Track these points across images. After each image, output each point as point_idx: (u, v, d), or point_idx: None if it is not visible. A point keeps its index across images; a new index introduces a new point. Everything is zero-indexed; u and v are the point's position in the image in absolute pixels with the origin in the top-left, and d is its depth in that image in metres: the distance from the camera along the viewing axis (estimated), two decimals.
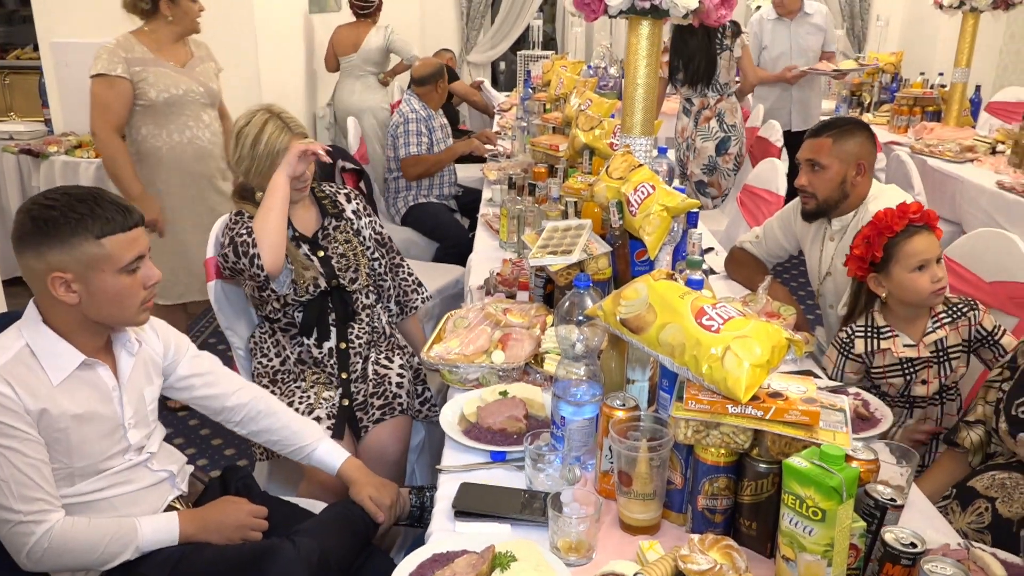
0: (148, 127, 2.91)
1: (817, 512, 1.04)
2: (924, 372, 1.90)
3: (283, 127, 2.06)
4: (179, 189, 2.98)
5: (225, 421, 1.74)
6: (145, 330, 1.61)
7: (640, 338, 1.30)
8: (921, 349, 1.90)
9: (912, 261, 1.85)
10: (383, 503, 1.71)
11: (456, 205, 4.21)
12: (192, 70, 2.96)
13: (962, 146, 4.11)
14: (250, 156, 2.05)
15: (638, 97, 2.22)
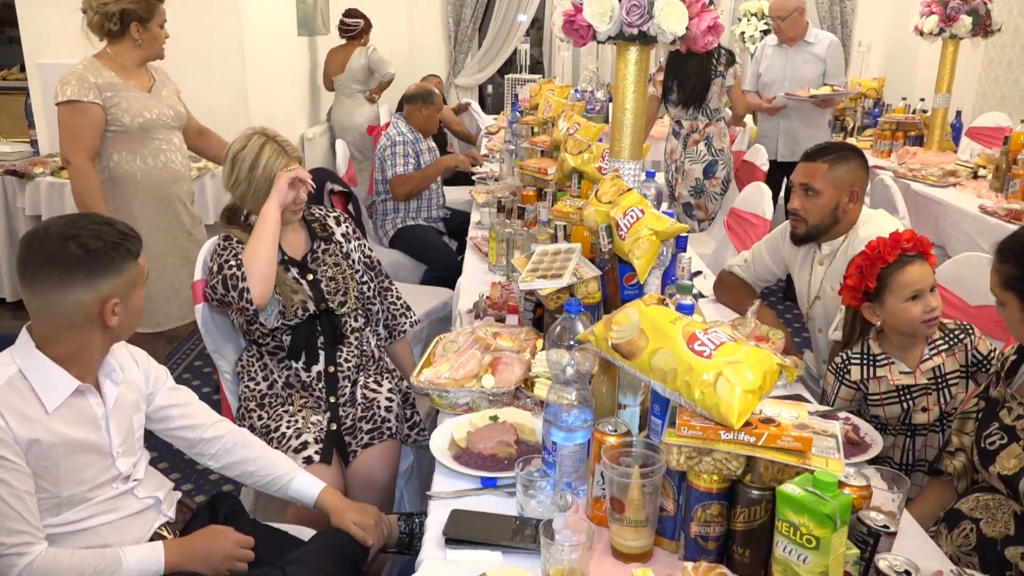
0: (120, 153, 2.85)
1: (811, 539, 1.04)
2: (923, 399, 1.90)
3: (280, 151, 2.06)
4: (155, 214, 2.94)
5: (200, 455, 1.72)
6: (126, 358, 1.60)
7: (632, 364, 1.30)
8: (918, 376, 1.90)
9: (905, 292, 1.85)
10: (368, 525, 1.70)
11: (444, 227, 4.21)
12: (158, 94, 2.92)
13: (944, 170, 4.16)
14: (247, 180, 2.04)
15: (626, 122, 2.23)
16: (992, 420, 1.58)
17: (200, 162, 3.98)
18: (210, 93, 3.19)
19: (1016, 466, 1.48)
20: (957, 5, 4.36)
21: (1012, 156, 3.79)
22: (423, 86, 4.09)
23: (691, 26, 2.07)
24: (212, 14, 4.05)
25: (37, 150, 4.48)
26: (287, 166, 2.05)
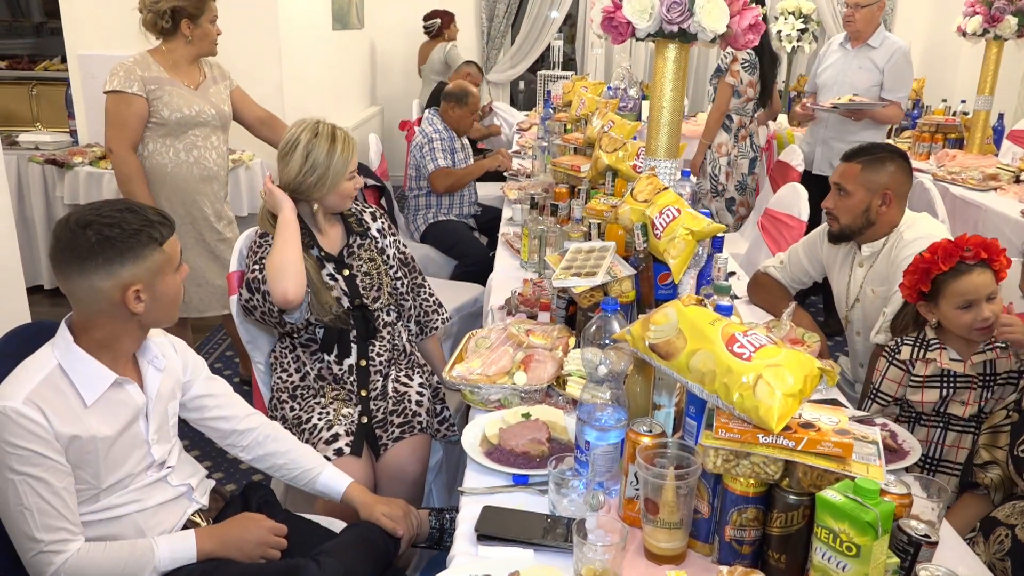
0: (155, 143, 2.91)
1: (851, 547, 1.02)
2: (965, 392, 1.87)
3: (352, 140, 2.10)
4: (181, 207, 2.99)
5: (231, 446, 1.74)
6: (166, 346, 1.61)
7: (669, 364, 1.29)
8: (967, 367, 1.87)
9: (957, 300, 1.83)
10: (397, 516, 1.71)
11: (475, 223, 4.21)
12: (205, 92, 2.97)
13: (985, 174, 4.08)
14: (325, 165, 2.04)
15: (664, 120, 2.22)
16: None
17: (234, 153, 4.01)
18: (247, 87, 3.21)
19: None
20: (1002, 5, 4.26)
21: None
22: (461, 85, 4.10)
23: (732, 24, 2.05)
24: (250, 9, 4.08)
25: (76, 140, 4.55)
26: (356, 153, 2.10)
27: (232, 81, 3.12)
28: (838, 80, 3.99)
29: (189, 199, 3.00)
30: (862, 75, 3.90)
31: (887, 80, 3.86)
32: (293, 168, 2.05)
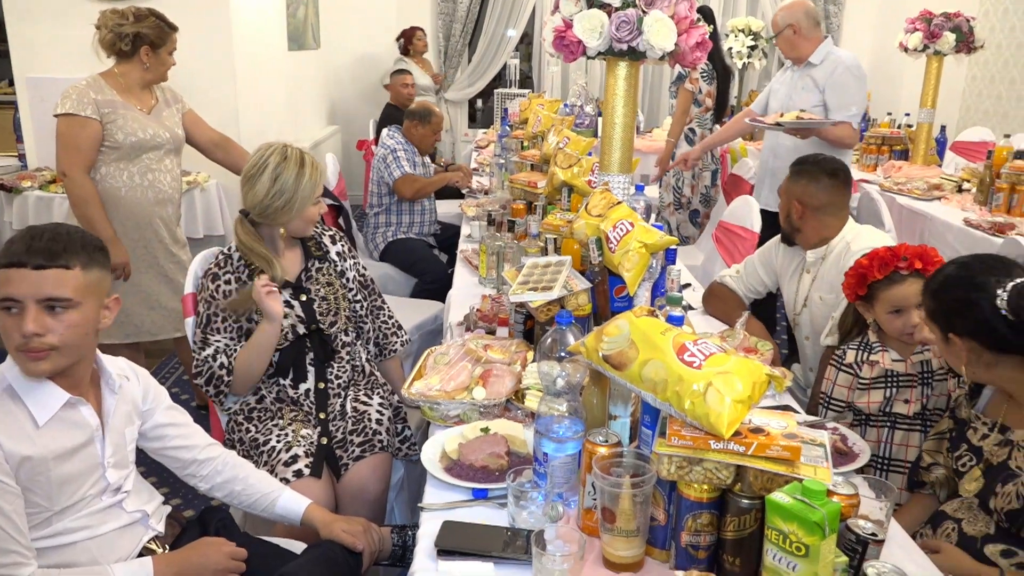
0: (108, 167, 2.88)
1: (800, 547, 1.05)
2: (907, 391, 1.93)
3: (318, 165, 2.10)
4: (135, 230, 2.96)
5: (191, 476, 1.72)
6: (126, 371, 1.60)
7: (622, 374, 1.31)
8: (908, 366, 1.94)
9: (888, 306, 1.92)
10: (356, 531, 1.71)
11: (435, 241, 4.23)
12: (159, 115, 2.96)
13: (929, 184, 4.22)
14: (293, 190, 2.02)
15: (616, 136, 2.26)
16: (962, 441, 1.62)
17: (189, 175, 3.98)
18: (201, 109, 3.19)
19: (976, 488, 1.53)
20: (941, 22, 4.43)
21: (995, 170, 3.84)
22: (424, 104, 4.14)
23: (680, 42, 2.10)
24: (202, 30, 4.06)
25: (25, 164, 4.46)
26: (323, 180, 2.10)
27: (184, 104, 3.10)
28: (784, 104, 3.65)
29: (144, 222, 2.97)
30: (804, 95, 3.54)
31: (828, 98, 3.45)
32: (260, 191, 2.03)
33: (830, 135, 3.38)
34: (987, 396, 1.64)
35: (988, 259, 1.57)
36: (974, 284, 1.50)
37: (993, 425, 1.57)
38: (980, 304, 1.48)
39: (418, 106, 4.10)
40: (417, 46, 6.70)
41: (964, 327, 1.52)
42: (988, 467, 1.52)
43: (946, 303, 1.56)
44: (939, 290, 1.58)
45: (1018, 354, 1.48)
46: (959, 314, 1.53)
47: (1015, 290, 1.43)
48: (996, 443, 1.53)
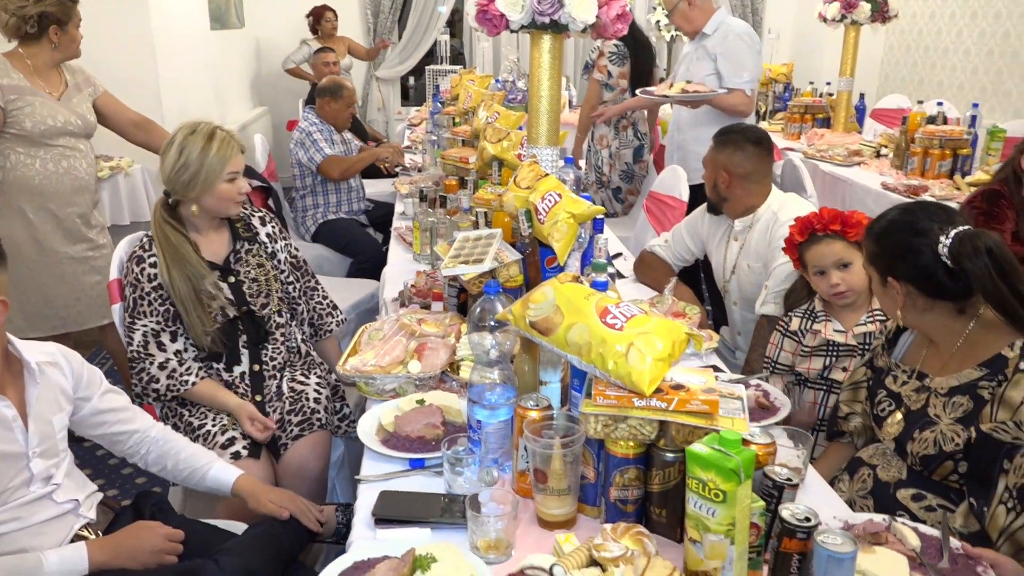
0: (17, 155, 2.77)
1: (718, 494, 1.10)
2: (847, 360, 2.01)
3: (232, 139, 2.05)
4: (52, 220, 2.86)
5: (130, 455, 1.73)
6: (54, 357, 1.57)
7: (549, 339, 1.35)
8: (849, 337, 2.01)
9: (811, 268, 2.02)
10: (283, 501, 1.71)
11: (367, 220, 4.20)
12: (69, 101, 2.84)
13: (849, 151, 4.37)
14: (199, 163, 1.98)
15: (542, 109, 2.28)
16: (880, 388, 1.69)
17: (112, 160, 3.86)
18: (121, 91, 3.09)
19: (897, 431, 1.60)
20: None
21: (910, 135, 4.00)
22: (334, 80, 4.08)
23: (601, 14, 2.13)
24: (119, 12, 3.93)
25: None
26: (237, 153, 2.03)
27: (98, 87, 2.99)
28: (683, 76, 3.66)
29: (61, 211, 2.87)
30: (699, 65, 3.56)
31: (720, 66, 3.46)
32: (167, 165, 2.01)
33: (723, 104, 3.41)
34: (904, 344, 1.72)
35: (931, 206, 1.60)
36: (917, 230, 1.53)
37: (912, 372, 1.64)
38: (921, 250, 1.51)
39: (328, 82, 4.04)
40: (325, 27, 6.46)
41: (904, 272, 1.55)
42: (908, 412, 1.60)
43: (888, 247, 1.59)
44: (882, 234, 1.61)
45: (951, 301, 1.54)
46: (900, 258, 1.56)
47: (957, 237, 1.47)
48: (914, 389, 1.61)
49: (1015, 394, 1.41)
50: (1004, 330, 1.50)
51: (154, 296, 2.00)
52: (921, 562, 1.24)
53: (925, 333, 1.63)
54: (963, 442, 1.47)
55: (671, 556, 1.24)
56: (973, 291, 1.50)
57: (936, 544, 1.30)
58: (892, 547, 1.26)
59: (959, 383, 1.52)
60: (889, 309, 1.65)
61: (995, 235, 1.49)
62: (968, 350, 1.54)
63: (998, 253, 1.44)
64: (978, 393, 1.48)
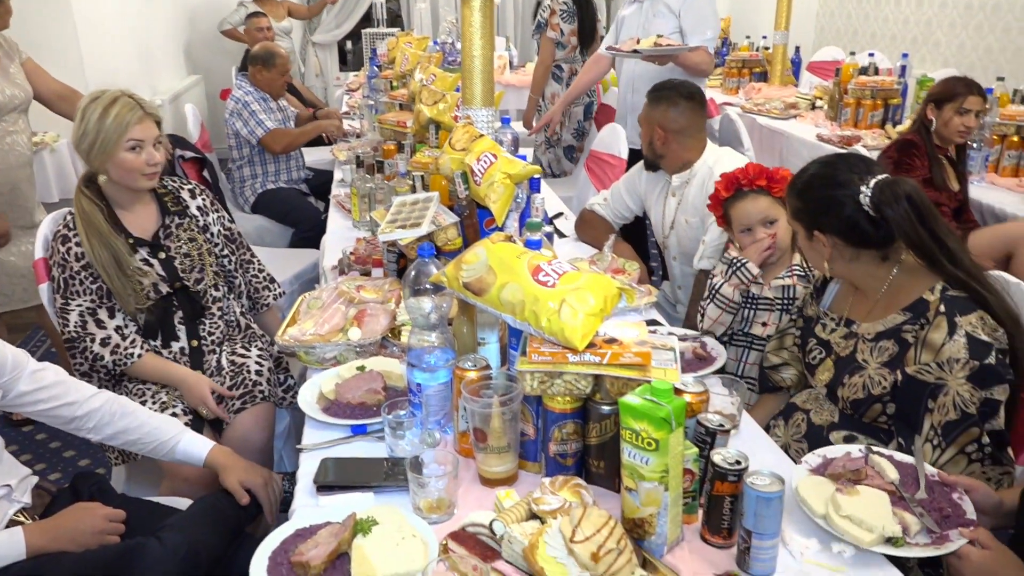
0: None
1: (651, 443, 1.13)
2: (766, 315, 2.05)
3: (135, 105, 1.95)
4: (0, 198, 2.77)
5: (77, 430, 1.65)
6: None
7: (483, 299, 1.35)
8: (765, 290, 2.04)
9: (737, 224, 2.04)
10: (254, 483, 1.67)
11: (308, 188, 4.13)
12: (6, 72, 2.73)
13: (786, 104, 4.43)
14: (96, 129, 1.90)
15: (475, 69, 2.25)
16: (810, 336, 1.74)
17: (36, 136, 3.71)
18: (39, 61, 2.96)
19: (828, 378, 1.64)
20: None
21: (843, 87, 4.07)
22: (266, 47, 3.97)
23: None
24: None
25: None
26: (140, 121, 1.94)
27: (22, 53, 2.87)
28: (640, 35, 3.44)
29: (8, 188, 2.78)
30: (659, 22, 3.40)
31: (684, 22, 3.35)
32: (73, 133, 1.95)
33: (688, 61, 3.33)
34: (831, 293, 1.76)
35: (850, 158, 1.63)
36: (837, 182, 1.56)
37: (839, 320, 1.68)
38: (844, 201, 1.54)
39: (260, 49, 3.92)
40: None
41: (829, 224, 1.57)
42: (838, 359, 1.65)
43: (811, 202, 1.61)
44: (804, 189, 1.63)
45: (875, 248, 1.57)
46: (824, 212, 1.58)
47: (877, 186, 1.50)
48: (842, 336, 1.66)
49: (937, 336, 1.45)
50: (924, 274, 1.54)
51: (84, 275, 1.95)
52: (901, 495, 1.27)
53: (851, 282, 1.67)
54: (890, 385, 1.52)
55: (610, 506, 1.27)
56: (895, 238, 1.54)
57: (912, 473, 1.34)
58: (872, 482, 1.29)
59: (884, 328, 1.56)
60: (816, 262, 1.68)
61: (912, 181, 1.53)
62: (892, 296, 1.58)
63: (917, 199, 1.48)
64: (902, 337, 1.52)
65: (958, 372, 1.42)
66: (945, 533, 1.21)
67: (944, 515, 1.25)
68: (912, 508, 1.25)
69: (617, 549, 1.07)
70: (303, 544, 1.19)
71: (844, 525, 1.20)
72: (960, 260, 1.50)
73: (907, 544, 1.19)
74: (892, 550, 1.18)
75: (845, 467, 1.34)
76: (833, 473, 1.33)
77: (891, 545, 1.19)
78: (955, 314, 1.45)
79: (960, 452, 1.43)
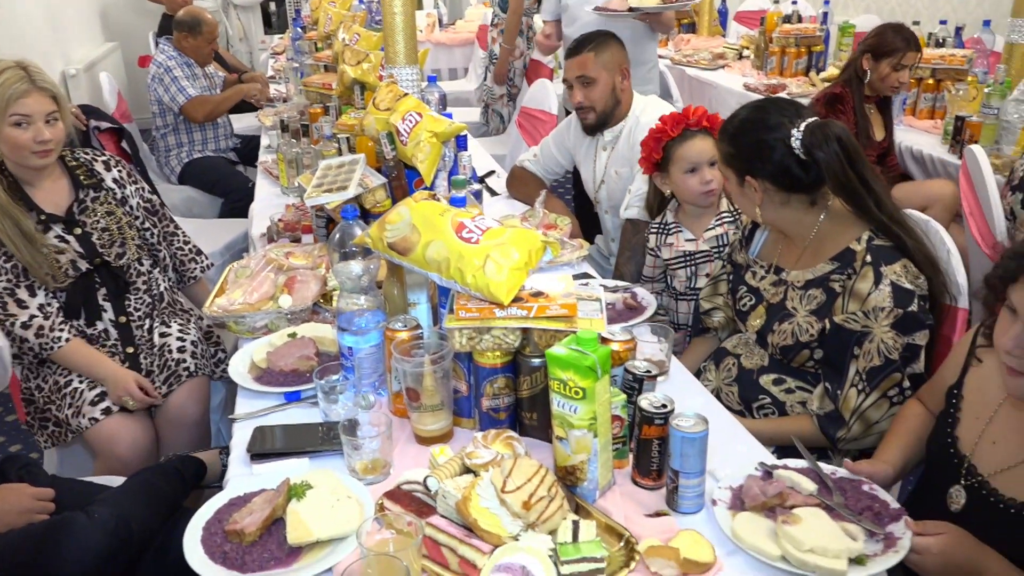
0: None
1: (578, 391, 1.14)
2: (707, 266, 2.08)
3: (24, 77, 1.85)
4: None
5: None
6: None
7: (408, 259, 1.34)
8: (700, 243, 2.07)
9: (683, 164, 2.02)
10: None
11: (237, 156, 4.02)
12: None
13: (714, 54, 4.46)
14: None
15: (397, 26, 2.22)
16: (740, 283, 1.77)
17: None
18: None
19: (759, 324, 1.68)
20: None
21: (768, 36, 4.12)
22: (191, 12, 3.81)
23: None
24: None
25: None
26: (26, 95, 1.82)
27: None
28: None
29: None
30: None
31: None
32: None
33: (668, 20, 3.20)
34: (760, 240, 1.79)
35: (780, 101, 1.63)
36: (768, 125, 1.56)
37: (769, 267, 1.72)
38: (775, 145, 1.54)
39: (185, 15, 3.78)
40: None
41: (760, 169, 1.58)
42: (769, 306, 1.69)
43: (743, 146, 1.61)
44: (736, 134, 1.63)
45: (805, 193, 1.59)
46: (756, 156, 1.58)
47: (807, 129, 1.51)
48: (772, 283, 1.69)
49: (863, 286, 1.49)
50: (852, 222, 1.57)
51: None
52: (829, 506, 1.19)
53: (781, 228, 1.68)
54: (817, 332, 1.56)
55: (544, 456, 1.30)
56: (824, 181, 1.55)
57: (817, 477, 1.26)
58: (796, 500, 1.19)
59: (813, 276, 1.59)
60: (747, 208, 1.69)
61: (842, 124, 1.55)
62: (819, 244, 1.61)
63: (846, 141, 1.49)
64: (830, 286, 1.56)
65: (883, 320, 1.47)
66: (888, 532, 1.15)
67: (875, 512, 1.19)
68: (847, 516, 1.17)
69: (548, 497, 1.10)
70: (237, 512, 1.19)
71: (814, 560, 1.07)
72: (885, 204, 1.52)
73: (869, 558, 1.10)
74: (862, 570, 1.08)
75: (764, 493, 1.19)
76: (755, 504, 1.19)
77: (858, 565, 1.09)
78: (880, 263, 1.49)
79: (883, 396, 1.49)
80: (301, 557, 1.14)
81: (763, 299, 1.69)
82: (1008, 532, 1.19)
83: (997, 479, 1.22)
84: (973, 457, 1.27)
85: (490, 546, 1.07)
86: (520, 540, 1.08)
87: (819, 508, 1.17)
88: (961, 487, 1.27)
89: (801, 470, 1.26)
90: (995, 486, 1.22)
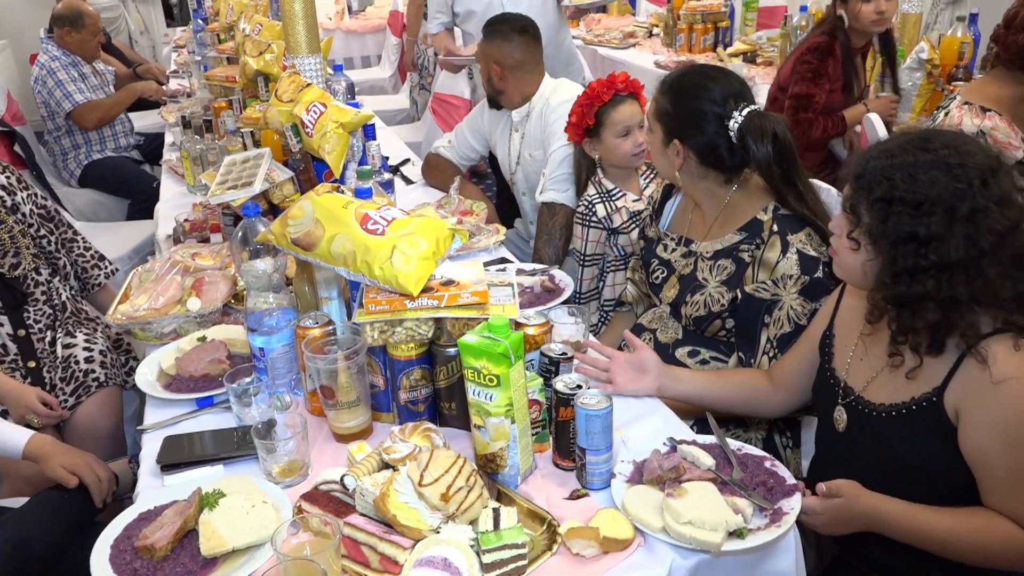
0: None
1: (492, 379, 1.14)
2: None
3: None
4: None
5: None
6: None
7: (313, 254, 1.31)
8: (645, 201, 2.07)
9: (617, 128, 2.02)
10: (77, 466, 1.59)
11: (140, 155, 3.87)
12: None
13: (624, 33, 4.50)
14: None
15: (296, 13, 2.15)
16: (652, 257, 1.79)
17: None
18: None
19: (673, 296, 1.70)
20: None
21: (676, 13, 4.17)
22: (71, 5, 3.62)
23: None
24: None
25: None
26: None
27: None
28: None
29: None
30: None
31: None
32: None
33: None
34: (670, 213, 1.81)
35: (732, 77, 1.61)
36: (712, 99, 1.55)
37: (679, 239, 1.74)
38: (711, 120, 1.54)
39: (65, 9, 3.58)
40: None
41: (689, 138, 1.57)
42: (681, 277, 1.71)
43: (679, 109, 1.59)
44: (678, 94, 1.60)
45: (725, 173, 1.60)
46: (689, 123, 1.57)
47: (749, 116, 1.52)
48: (682, 255, 1.71)
49: (771, 255, 1.53)
50: (759, 194, 1.60)
51: None
52: (723, 480, 1.19)
53: (692, 197, 1.70)
54: (728, 302, 1.59)
55: (464, 445, 1.29)
56: (745, 166, 1.57)
57: (723, 453, 1.26)
58: (692, 474, 1.19)
59: (722, 247, 1.62)
60: (665, 170, 1.68)
61: (780, 117, 1.55)
62: (728, 215, 1.63)
63: (782, 139, 1.51)
64: (739, 256, 1.59)
65: (791, 288, 1.51)
66: (778, 507, 1.15)
67: (768, 487, 1.18)
68: (738, 491, 1.17)
69: (467, 487, 1.09)
70: (147, 527, 1.15)
71: (690, 532, 1.08)
72: (805, 200, 1.54)
73: (750, 532, 1.10)
74: (740, 543, 1.08)
75: (661, 467, 1.19)
76: (652, 478, 1.19)
77: (737, 538, 1.09)
78: (787, 232, 1.52)
79: None
80: (217, 568, 1.10)
81: (674, 271, 1.71)
82: (884, 434, 1.25)
83: (867, 391, 1.29)
84: (848, 379, 1.33)
85: (411, 541, 1.06)
86: (441, 532, 1.07)
87: (711, 483, 1.17)
88: (841, 406, 1.33)
89: (706, 446, 1.27)
90: (867, 398, 1.29)
